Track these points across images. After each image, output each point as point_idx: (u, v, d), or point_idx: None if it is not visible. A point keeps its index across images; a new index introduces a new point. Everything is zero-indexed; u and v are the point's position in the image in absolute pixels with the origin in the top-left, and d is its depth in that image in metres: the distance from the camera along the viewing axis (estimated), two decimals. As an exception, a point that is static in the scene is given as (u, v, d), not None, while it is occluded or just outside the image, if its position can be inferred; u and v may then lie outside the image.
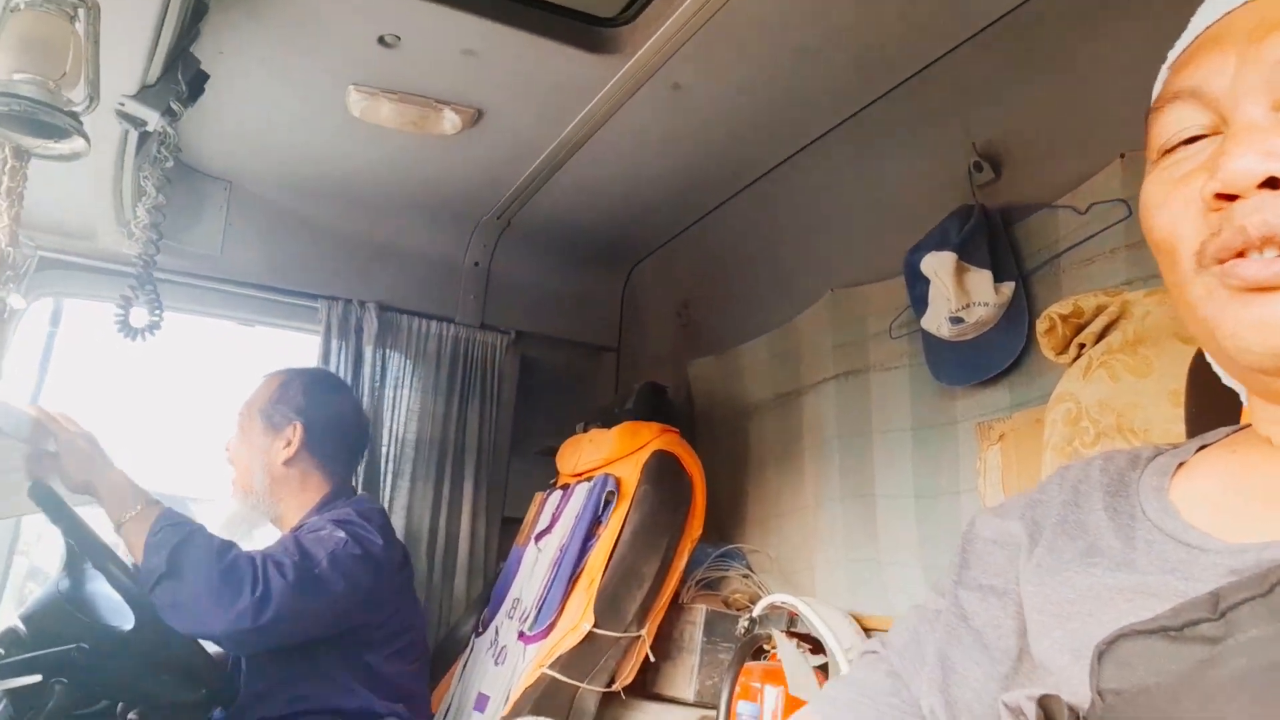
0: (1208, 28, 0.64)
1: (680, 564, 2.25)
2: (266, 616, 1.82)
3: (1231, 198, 0.57)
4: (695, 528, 2.29)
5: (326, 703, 2.03)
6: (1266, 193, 0.56)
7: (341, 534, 2.02)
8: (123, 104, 1.70)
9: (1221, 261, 0.58)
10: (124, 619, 1.86)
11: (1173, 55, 0.68)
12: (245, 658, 2.09)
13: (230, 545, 1.91)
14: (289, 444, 2.25)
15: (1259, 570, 0.49)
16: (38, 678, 1.68)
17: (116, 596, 1.85)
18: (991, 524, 0.75)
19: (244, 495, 2.26)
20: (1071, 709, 0.54)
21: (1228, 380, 0.72)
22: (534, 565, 2.49)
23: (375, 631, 2.12)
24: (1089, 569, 0.64)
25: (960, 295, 1.76)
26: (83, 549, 1.84)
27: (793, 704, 1.76)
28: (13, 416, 1.83)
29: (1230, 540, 0.59)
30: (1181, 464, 0.70)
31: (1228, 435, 0.71)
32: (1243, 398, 0.72)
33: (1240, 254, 0.57)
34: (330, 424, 2.31)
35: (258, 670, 2.06)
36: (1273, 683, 0.45)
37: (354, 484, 2.53)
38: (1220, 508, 0.63)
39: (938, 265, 1.77)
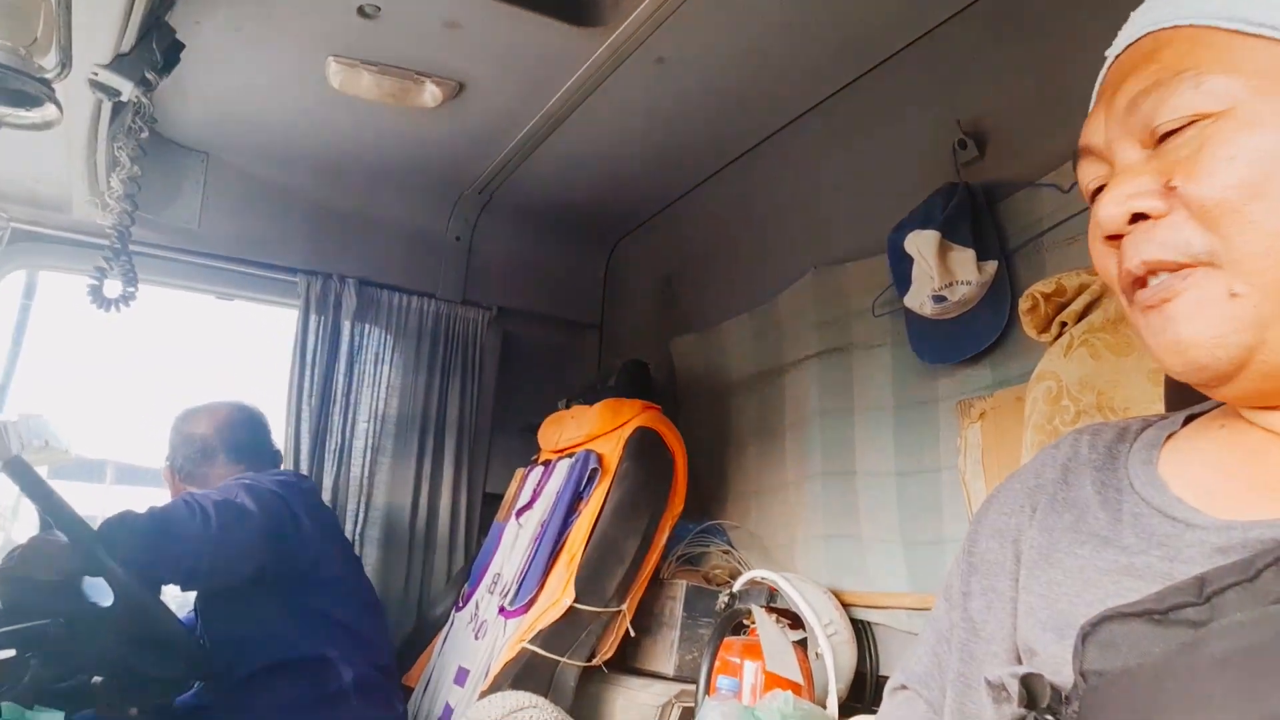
0: (1098, 85, 0.71)
1: (661, 540, 2.25)
2: (214, 523, 1.94)
3: (1120, 236, 0.64)
4: (676, 504, 2.29)
5: (277, 657, 2.08)
6: (1137, 227, 0.63)
7: (246, 479, 2.19)
8: (96, 73, 1.66)
9: (1131, 296, 0.65)
10: (101, 594, 1.85)
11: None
12: (204, 632, 2.14)
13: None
14: (169, 484, 2.43)
15: (1245, 554, 0.50)
16: (12, 652, 1.67)
17: (93, 571, 1.84)
18: (994, 519, 0.76)
19: None
20: (1054, 688, 0.55)
21: None
22: (515, 541, 2.49)
23: (318, 570, 2.19)
24: (1077, 548, 0.65)
25: (943, 274, 1.76)
26: (58, 524, 1.82)
27: (771, 679, 1.76)
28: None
29: (1217, 517, 0.59)
30: (1170, 435, 0.70)
31: (1216, 406, 0.71)
32: None
33: (1141, 285, 0.64)
34: (185, 453, 2.40)
35: (217, 641, 2.12)
36: (1255, 664, 0.45)
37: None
38: (1208, 484, 0.63)
39: (921, 244, 1.77)
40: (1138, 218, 0.62)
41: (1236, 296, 0.58)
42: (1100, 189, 0.68)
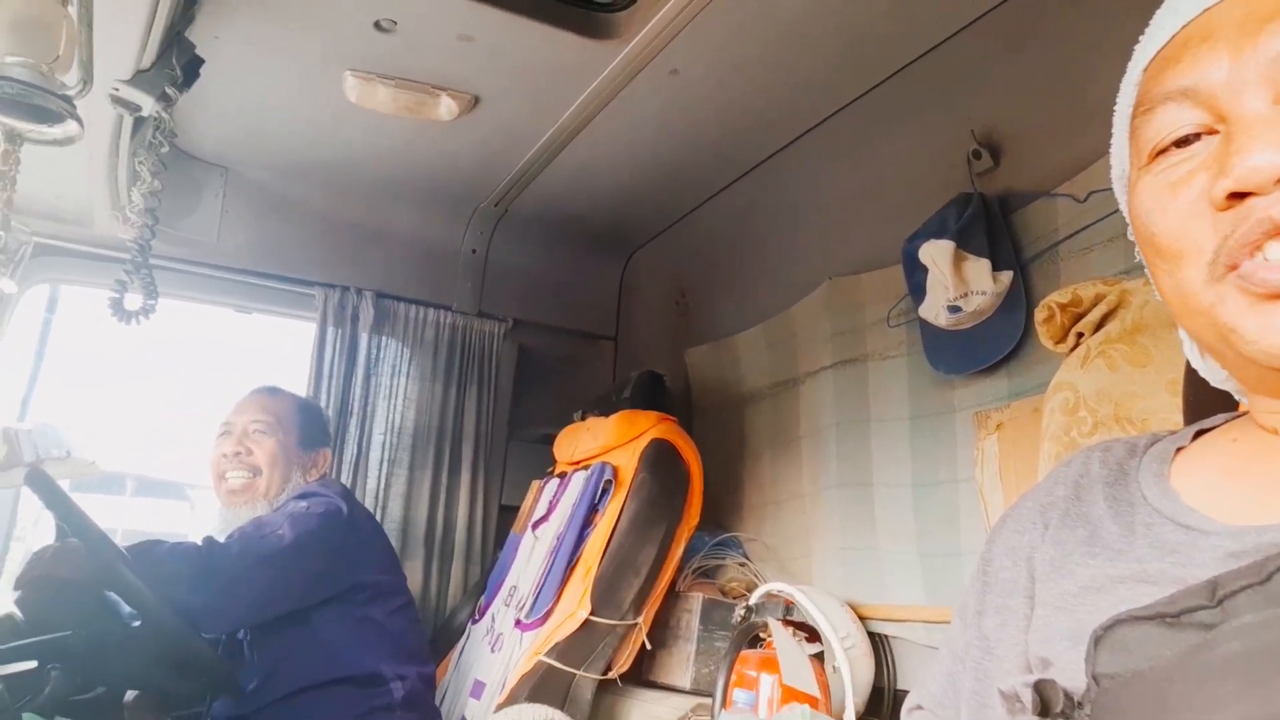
0: (1184, 26, 0.62)
1: (677, 552, 2.25)
2: (214, 584, 1.91)
3: (1243, 195, 0.56)
4: (692, 516, 2.29)
5: (333, 673, 2.05)
6: None
7: (304, 504, 2.14)
8: (117, 89, 1.69)
9: (1234, 266, 0.57)
10: (121, 606, 1.86)
11: (1143, 57, 0.67)
12: (251, 640, 2.11)
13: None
14: (315, 467, 2.37)
15: (1258, 556, 0.49)
16: (33, 664, 1.68)
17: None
18: (1008, 537, 0.75)
19: (259, 502, 2.27)
20: (1067, 694, 0.54)
21: (1216, 382, 0.72)
22: (531, 553, 2.49)
23: (372, 584, 2.16)
24: (1090, 559, 0.64)
25: (958, 284, 1.75)
26: (79, 537, 1.83)
27: (788, 692, 1.76)
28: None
29: (1230, 523, 0.59)
30: (1180, 449, 0.69)
31: (1226, 421, 0.70)
32: (1236, 395, 0.72)
33: (1257, 248, 0.56)
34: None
35: (265, 651, 2.08)
36: (1266, 665, 0.45)
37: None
38: (1220, 492, 0.63)
39: (936, 254, 1.77)
40: None
41: None
42: (1180, 142, 0.61)
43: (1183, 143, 0.61)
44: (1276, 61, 0.57)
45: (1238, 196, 0.56)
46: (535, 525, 2.56)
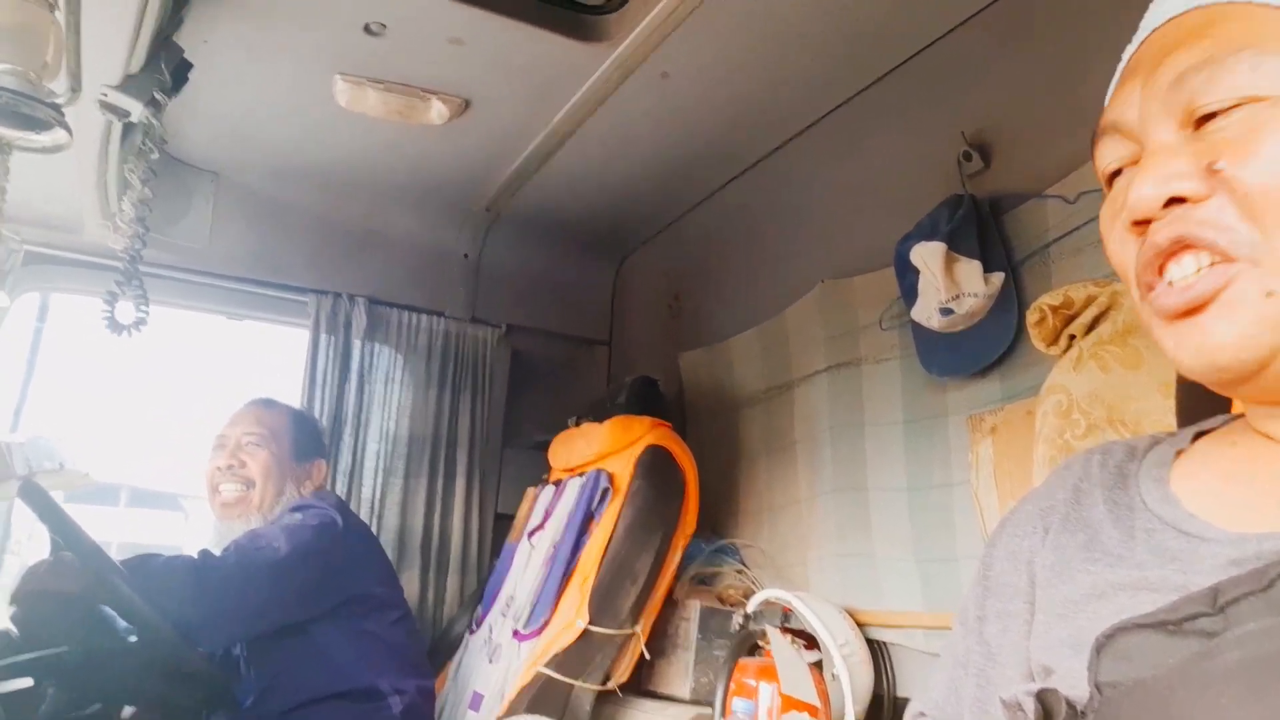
0: (1129, 60, 0.67)
1: (674, 560, 2.24)
2: (210, 598, 1.89)
3: (1148, 222, 0.61)
4: (689, 523, 2.28)
5: (330, 688, 2.03)
6: (1173, 210, 0.59)
7: (299, 516, 2.13)
8: (105, 95, 1.67)
9: (1149, 287, 0.62)
10: (117, 621, 1.84)
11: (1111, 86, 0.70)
12: (247, 655, 2.10)
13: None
14: (311, 479, 2.37)
15: (1259, 564, 0.49)
16: (29, 681, 1.66)
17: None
18: (1008, 541, 0.75)
19: (253, 515, 2.26)
20: (1069, 703, 0.54)
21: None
22: (527, 562, 2.48)
23: (369, 597, 2.15)
24: (1090, 565, 0.64)
25: (950, 286, 1.75)
26: (74, 550, 1.81)
27: (788, 701, 1.74)
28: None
29: (1230, 530, 0.58)
30: (1180, 452, 0.69)
31: (1225, 423, 0.70)
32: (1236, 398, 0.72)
33: (1160, 271, 0.60)
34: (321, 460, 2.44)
35: (262, 666, 2.07)
36: (1268, 673, 0.45)
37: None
38: (1221, 498, 0.62)
39: (927, 256, 1.76)
40: (1173, 201, 0.59)
41: (1272, 296, 0.56)
42: (1118, 172, 0.65)
43: (1118, 174, 0.66)
44: (1173, 88, 0.60)
45: (1145, 224, 0.61)
46: (531, 534, 2.55)
